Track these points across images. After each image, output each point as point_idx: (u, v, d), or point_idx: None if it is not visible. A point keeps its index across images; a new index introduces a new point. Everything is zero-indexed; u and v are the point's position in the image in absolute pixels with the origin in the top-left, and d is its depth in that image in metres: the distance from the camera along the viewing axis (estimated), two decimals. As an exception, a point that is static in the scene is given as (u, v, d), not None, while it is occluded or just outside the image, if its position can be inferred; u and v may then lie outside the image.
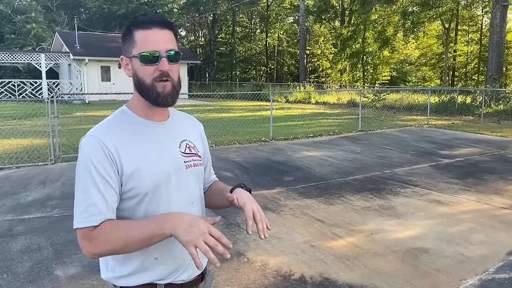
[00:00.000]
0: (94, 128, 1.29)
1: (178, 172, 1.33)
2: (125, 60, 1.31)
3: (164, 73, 1.26)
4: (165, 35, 1.27)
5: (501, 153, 8.99)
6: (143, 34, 1.25)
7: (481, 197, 5.71)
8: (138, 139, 1.28)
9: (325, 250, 3.98)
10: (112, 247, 1.19)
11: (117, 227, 1.19)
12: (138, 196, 1.25)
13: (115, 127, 1.29)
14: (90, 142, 1.23)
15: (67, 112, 17.57)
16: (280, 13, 47.22)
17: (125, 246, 1.18)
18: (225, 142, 10.04)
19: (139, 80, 1.28)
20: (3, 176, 6.90)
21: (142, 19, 1.26)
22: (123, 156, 1.24)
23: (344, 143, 10.26)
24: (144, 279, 1.29)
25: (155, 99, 1.27)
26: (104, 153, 1.22)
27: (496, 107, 18.08)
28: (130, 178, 1.24)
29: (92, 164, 1.21)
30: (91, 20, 43.40)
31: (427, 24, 34.00)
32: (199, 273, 1.42)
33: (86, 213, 1.19)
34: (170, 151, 1.33)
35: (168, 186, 1.30)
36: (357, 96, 23.17)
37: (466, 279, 3.39)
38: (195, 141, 1.44)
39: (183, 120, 1.46)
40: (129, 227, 1.19)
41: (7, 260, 3.79)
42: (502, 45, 21.03)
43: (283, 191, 6.04)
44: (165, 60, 1.26)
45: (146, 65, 1.25)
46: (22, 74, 30.42)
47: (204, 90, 40.01)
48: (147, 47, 1.24)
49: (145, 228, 1.16)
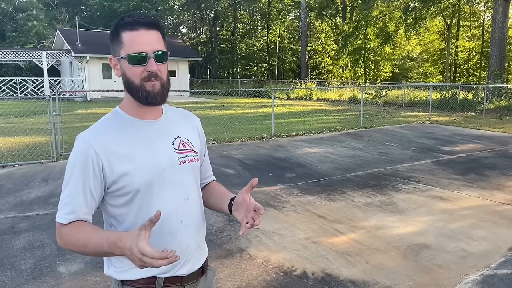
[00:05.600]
0: (86, 130, 1.32)
1: (172, 168, 1.35)
2: (113, 61, 1.33)
3: (152, 73, 1.28)
4: (152, 35, 1.28)
5: (503, 149, 8.97)
6: (130, 35, 1.27)
7: (482, 193, 5.71)
8: (129, 138, 1.31)
9: (327, 246, 3.99)
10: (73, 248, 1.27)
11: (78, 233, 1.25)
12: (130, 193, 1.29)
13: (107, 128, 1.32)
14: (79, 145, 1.28)
15: (68, 110, 17.61)
16: (281, 9, 47.06)
17: (82, 251, 1.26)
18: (226, 139, 10.05)
19: (128, 81, 1.30)
20: (5, 173, 6.93)
21: (128, 20, 1.27)
22: (112, 156, 1.27)
23: (345, 139, 10.26)
24: (144, 273, 1.31)
25: (145, 98, 1.30)
26: (90, 156, 1.26)
27: (498, 103, 18.03)
28: (121, 177, 1.27)
29: (78, 165, 1.27)
30: (92, 17, 43.40)
31: (429, 20, 33.91)
32: (199, 267, 1.43)
33: (63, 210, 1.27)
34: (162, 148, 1.35)
35: (162, 183, 1.32)
36: (358, 92, 23.13)
37: (467, 275, 3.39)
38: (190, 136, 1.45)
39: (178, 116, 1.48)
40: (86, 238, 1.24)
41: (10, 257, 3.81)
42: (504, 40, 20.95)
43: (285, 187, 6.05)
44: (153, 61, 1.27)
45: (134, 66, 1.27)
46: (23, 72, 30.49)
47: (206, 87, 39.98)
48: (134, 48, 1.26)
49: (98, 245, 1.21)
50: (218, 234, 4.28)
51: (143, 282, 1.33)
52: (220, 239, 4.17)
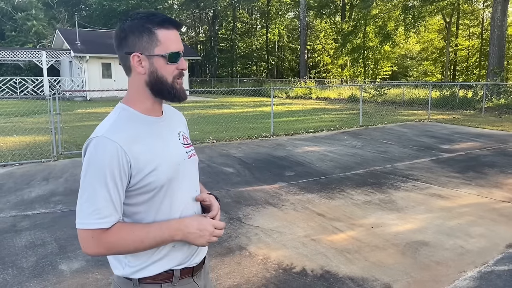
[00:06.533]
0: (106, 129, 1.27)
1: (184, 162, 1.39)
2: (138, 57, 1.29)
3: (183, 71, 1.35)
4: (178, 35, 1.35)
5: (502, 147, 9.01)
6: (166, 33, 1.30)
7: (481, 190, 5.74)
8: (147, 135, 1.32)
9: (326, 243, 4.02)
10: (123, 249, 1.26)
11: (131, 232, 1.25)
12: (155, 189, 1.30)
13: (125, 125, 1.30)
14: (105, 144, 1.23)
15: (68, 109, 17.62)
16: (280, 8, 47.08)
17: (136, 249, 1.26)
18: (226, 138, 10.07)
19: (160, 78, 1.30)
20: (6, 172, 6.96)
21: (162, 18, 1.30)
22: (137, 154, 1.26)
23: (345, 138, 10.29)
24: (163, 266, 1.34)
25: (174, 95, 1.34)
26: (118, 156, 1.23)
27: (497, 101, 18.07)
28: (147, 174, 1.27)
29: (107, 166, 1.22)
30: (91, 17, 43.39)
31: (428, 18, 33.94)
32: (205, 255, 1.51)
33: (97, 215, 1.21)
34: (174, 144, 1.39)
35: (179, 177, 1.36)
36: (358, 91, 23.16)
37: (465, 271, 3.42)
38: (186, 131, 1.51)
39: (172, 113, 1.51)
40: (143, 233, 1.26)
41: (12, 255, 3.83)
42: (503, 39, 20.97)
43: (284, 186, 6.07)
44: (183, 60, 1.35)
45: (172, 64, 1.31)
46: (23, 72, 30.49)
47: (205, 86, 40.00)
48: (173, 47, 1.30)
49: (157, 237, 1.26)
50: (218, 232, 4.30)
51: (162, 278, 1.33)
52: (220, 237, 4.19)
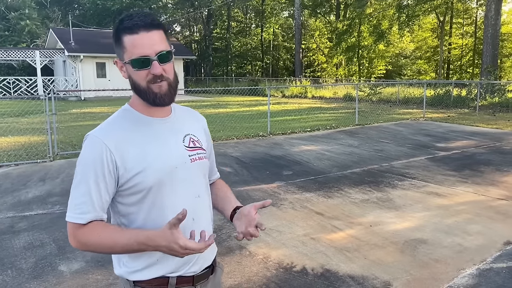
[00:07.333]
0: (98, 128, 1.31)
1: (184, 166, 1.35)
2: (119, 63, 1.32)
3: (157, 76, 1.26)
4: (153, 36, 1.25)
5: (497, 145, 9.07)
6: (130, 39, 1.24)
7: (477, 188, 5.78)
8: (141, 136, 1.31)
9: (325, 242, 4.04)
10: (93, 250, 1.27)
11: (97, 236, 1.24)
12: (143, 191, 1.28)
13: (118, 126, 1.31)
14: (92, 143, 1.27)
15: (63, 109, 17.53)
16: (275, 7, 47.09)
17: (109, 253, 1.29)
18: (223, 138, 10.07)
19: (135, 84, 1.29)
20: (2, 173, 6.91)
21: (128, 24, 1.24)
22: (126, 154, 1.26)
23: (341, 137, 10.32)
24: (157, 272, 1.31)
25: (153, 100, 1.29)
26: (104, 154, 1.25)
27: (491, 99, 18.18)
28: (134, 175, 1.26)
29: (92, 163, 1.25)
30: (85, 16, 43.18)
31: (422, 17, 34.05)
32: (209, 265, 1.44)
33: (77, 209, 1.24)
34: (174, 146, 1.35)
35: (174, 180, 1.32)
36: (353, 90, 23.23)
37: (464, 269, 3.45)
38: (199, 134, 1.46)
39: (186, 114, 1.48)
40: (112, 241, 1.23)
41: (10, 256, 3.82)
42: (496, 37, 21.10)
43: (282, 185, 6.09)
44: (156, 63, 1.25)
45: (139, 70, 1.26)
46: (16, 71, 30.27)
47: (200, 85, 39.94)
48: (136, 52, 1.24)
49: (126, 246, 1.22)
50: (218, 232, 4.31)
51: (156, 284, 1.32)
52: (220, 236, 4.20)
